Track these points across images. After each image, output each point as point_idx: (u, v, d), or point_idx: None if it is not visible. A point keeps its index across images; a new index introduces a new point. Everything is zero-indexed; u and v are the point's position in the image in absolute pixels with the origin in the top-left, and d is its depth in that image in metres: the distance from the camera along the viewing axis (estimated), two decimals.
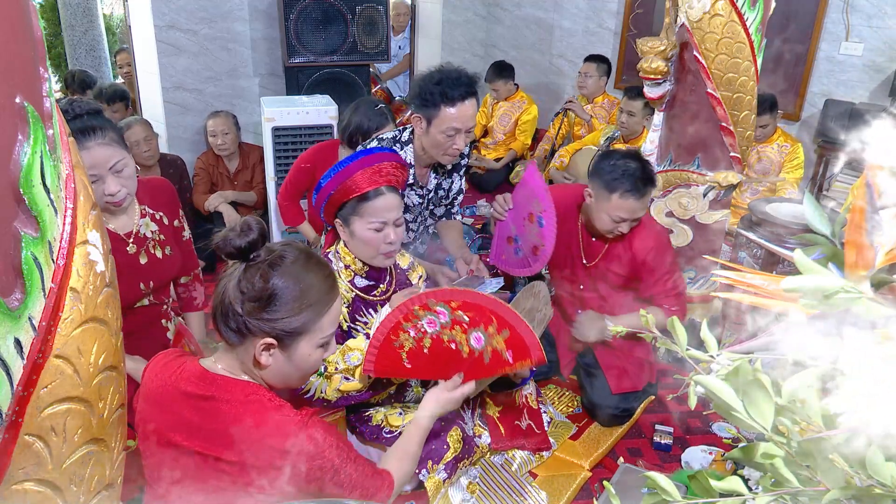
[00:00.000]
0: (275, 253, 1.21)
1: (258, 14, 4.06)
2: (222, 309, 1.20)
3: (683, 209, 2.73)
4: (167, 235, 1.92)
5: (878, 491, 0.50)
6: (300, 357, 1.24)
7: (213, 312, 1.23)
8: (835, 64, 4.16)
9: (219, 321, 1.21)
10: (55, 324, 0.56)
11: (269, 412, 1.18)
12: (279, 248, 1.23)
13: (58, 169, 0.57)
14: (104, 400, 0.62)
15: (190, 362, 1.26)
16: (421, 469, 1.89)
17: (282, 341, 1.20)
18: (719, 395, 0.56)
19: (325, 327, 1.25)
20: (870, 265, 0.49)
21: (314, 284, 1.23)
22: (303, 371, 1.28)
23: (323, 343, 1.27)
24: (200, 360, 1.26)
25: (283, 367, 1.24)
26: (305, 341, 1.23)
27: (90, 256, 0.59)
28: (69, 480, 0.59)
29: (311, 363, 1.27)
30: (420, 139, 2.26)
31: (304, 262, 1.23)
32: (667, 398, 2.56)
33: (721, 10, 2.35)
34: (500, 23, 5.83)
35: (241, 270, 1.20)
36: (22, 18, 0.53)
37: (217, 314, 1.21)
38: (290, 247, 1.25)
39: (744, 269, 0.60)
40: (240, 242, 1.17)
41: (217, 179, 3.72)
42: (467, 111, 2.19)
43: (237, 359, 1.24)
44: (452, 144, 2.19)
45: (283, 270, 1.20)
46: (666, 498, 0.58)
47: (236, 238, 1.17)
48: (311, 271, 1.23)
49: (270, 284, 1.18)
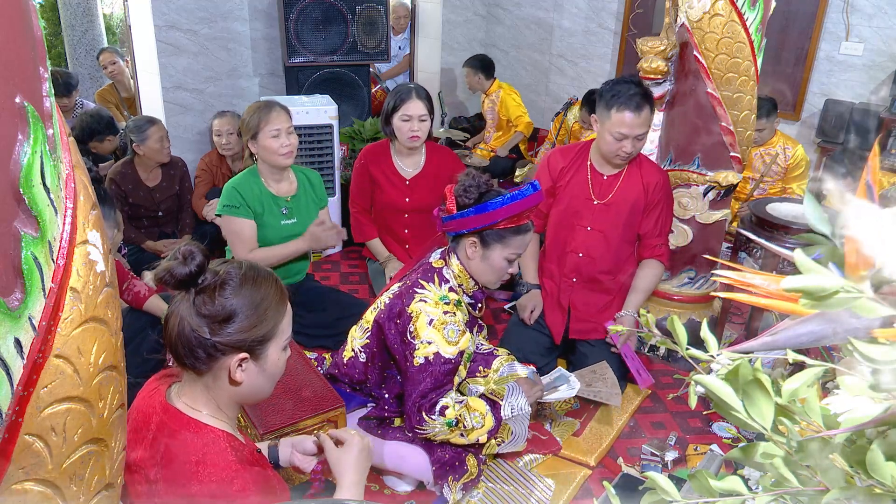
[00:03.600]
0: (222, 272, 1.21)
1: (258, 14, 4.06)
2: (185, 341, 1.18)
3: (683, 209, 2.73)
4: None
5: (878, 491, 0.50)
6: (271, 363, 1.26)
7: (171, 349, 1.21)
8: (835, 64, 4.16)
9: (183, 355, 1.19)
10: (55, 324, 0.56)
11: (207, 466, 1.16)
12: (223, 267, 1.23)
13: (58, 169, 0.57)
14: (104, 400, 0.62)
15: (161, 391, 1.26)
16: (442, 484, 1.92)
17: (253, 352, 1.21)
18: (719, 395, 0.56)
19: (286, 329, 1.28)
20: (870, 265, 0.49)
21: (268, 290, 1.24)
22: (272, 378, 1.29)
23: (285, 345, 1.29)
24: (168, 391, 1.26)
25: (255, 379, 1.25)
26: (273, 346, 1.25)
27: (90, 256, 0.59)
28: (69, 480, 0.59)
29: (279, 367, 1.29)
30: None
31: (251, 272, 1.24)
32: (667, 398, 2.57)
33: (721, 10, 2.35)
34: (500, 23, 5.83)
35: (192, 298, 1.18)
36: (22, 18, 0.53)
37: (178, 349, 1.19)
38: (231, 263, 1.25)
39: (744, 269, 0.60)
40: (185, 270, 1.16)
41: (219, 180, 3.73)
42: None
43: (204, 389, 1.23)
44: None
45: (237, 284, 1.20)
46: (665, 498, 0.58)
47: (180, 267, 1.16)
48: (262, 279, 1.25)
49: (229, 300, 1.18)
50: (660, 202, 2.52)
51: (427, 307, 1.89)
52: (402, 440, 2.01)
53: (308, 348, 2.66)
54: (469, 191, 1.89)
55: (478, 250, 1.93)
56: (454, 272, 1.97)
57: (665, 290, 2.85)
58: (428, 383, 1.87)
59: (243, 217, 2.60)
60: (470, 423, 1.90)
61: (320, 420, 1.89)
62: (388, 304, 1.99)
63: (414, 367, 1.88)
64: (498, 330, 3.06)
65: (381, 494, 2.07)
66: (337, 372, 2.12)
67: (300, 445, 1.49)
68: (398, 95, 2.93)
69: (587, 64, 5.43)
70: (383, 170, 3.09)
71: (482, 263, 1.95)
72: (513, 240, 1.92)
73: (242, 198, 2.60)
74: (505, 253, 1.93)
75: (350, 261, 3.73)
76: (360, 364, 2.06)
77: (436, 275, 1.96)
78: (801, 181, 3.74)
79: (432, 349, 1.86)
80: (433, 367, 1.86)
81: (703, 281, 2.84)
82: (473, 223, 1.88)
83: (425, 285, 1.94)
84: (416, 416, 1.89)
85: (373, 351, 2.03)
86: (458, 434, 1.91)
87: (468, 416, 1.91)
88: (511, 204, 1.85)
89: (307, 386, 1.98)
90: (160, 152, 3.35)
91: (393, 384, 2.04)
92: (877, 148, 0.52)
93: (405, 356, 1.91)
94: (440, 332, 1.87)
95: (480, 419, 1.92)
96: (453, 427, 1.89)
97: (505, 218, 1.87)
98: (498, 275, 1.97)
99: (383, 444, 2.02)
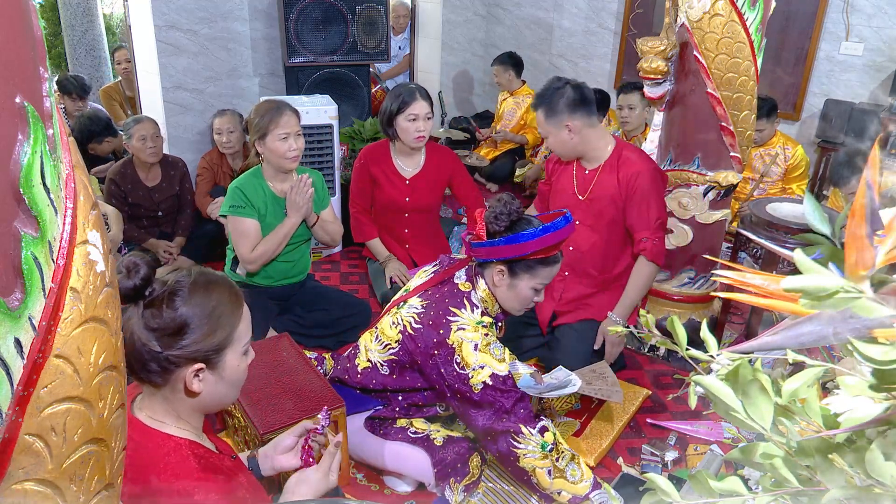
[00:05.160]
0: (170, 282, 1.18)
1: (258, 14, 4.06)
2: (136, 356, 1.16)
3: (683, 209, 2.73)
4: None
5: (878, 491, 0.50)
6: (230, 370, 1.22)
7: (126, 364, 1.21)
8: (835, 64, 4.16)
9: (137, 369, 1.18)
10: (55, 323, 0.56)
11: (168, 476, 1.15)
12: (173, 276, 1.20)
13: (58, 169, 0.57)
14: (104, 400, 0.62)
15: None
16: (444, 485, 1.92)
17: (209, 361, 1.18)
18: (719, 396, 0.56)
19: (244, 334, 1.24)
20: (870, 265, 0.49)
21: (222, 296, 1.20)
22: (235, 384, 1.26)
23: (245, 350, 1.26)
24: (133, 402, 1.24)
25: (215, 388, 1.22)
26: (231, 353, 1.21)
27: (90, 256, 0.59)
28: (69, 480, 0.59)
29: (241, 373, 1.25)
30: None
31: (202, 279, 1.20)
32: (666, 398, 2.57)
33: (721, 10, 2.35)
34: (500, 23, 5.83)
35: (141, 310, 1.16)
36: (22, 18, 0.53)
37: (132, 363, 1.17)
38: (183, 271, 1.22)
39: (744, 269, 0.60)
40: (130, 283, 1.13)
41: (221, 178, 3.73)
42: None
43: (163, 400, 1.21)
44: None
45: (186, 293, 1.16)
46: (665, 498, 0.58)
47: (124, 280, 1.12)
48: (213, 285, 1.21)
49: (179, 311, 1.14)
50: (637, 194, 2.44)
51: (467, 334, 1.86)
52: (403, 440, 2.01)
53: (308, 348, 2.66)
54: (500, 218, 1.85)
55: (505, 279, 1.90)
56: (481, 296, 1.94)
57: (665, 290, 2.85)
58: (506, 399, 1.84)
59: (248, 217, 2.60)
60: (563, 467, 1.84)
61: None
62: (417, 331, 1.92)
63: (476, 395, 1.84)
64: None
65: (381, 494, 2.07)
66: (347, 378, 2.09)
67: (279, 447, 1.47)
68: (400, 97, 2.92)
69: (587, 64, 5.43)
70: (383, 169, 3.09)
71: (508, 292, 1.92)
72: (541, 270, 1.90)
73: (247, 198, 2.60)
74: (532, 283, 1.91)
75: (350, 261, 3.73)
76: (379, 375, 2.02)
77: (465, 300, 1.92)
78: (801, 181, 3.75)
79: (487, 372, 1.83)
80: (496, 386, 1.83)
81: (703, 281, 2.84)
82: (504, 253, 1.85)
83: (458, 312, 1.89)
84: (510, 433, 1.84)
85: (403, 367, 1.98)
86: (547, 468, 1.83)
87: (566, 463, 1.85)
88: (544, 237, 1.82)
89: (307, 386, 1.98)
90: (143, 151, 3.33)
91: (413, 394, 2.02)
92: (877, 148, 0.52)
93: (463, 390, 1.86)
94: (488, 354, 1.85)
95: (578, 475, 1.85)
96: (547, 453, 1.83)
97: (537, 250, 1.83)
98: (523, 304, 1.95)
99: (384, 445, 2.02)
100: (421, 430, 2.01)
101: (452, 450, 1.95)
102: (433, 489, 2.00)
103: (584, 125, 2.45)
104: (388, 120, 2.97)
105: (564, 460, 1.86)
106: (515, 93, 4.92)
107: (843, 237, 0.52)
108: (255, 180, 2.65)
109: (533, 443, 1.83)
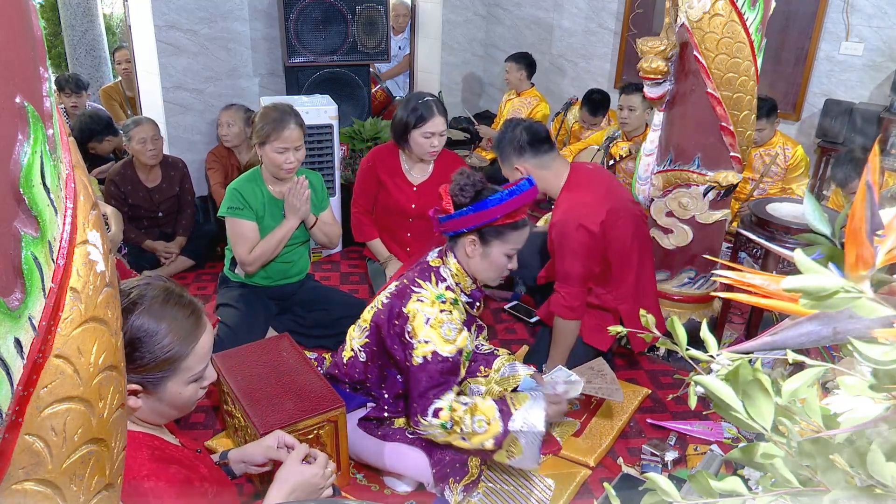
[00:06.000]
0: (131, 296, 1.15)
1: (258, 14, 4.06)
2: None
3: (683, 209, 2.73)
4: None
5: (878, 491, 0.50)
6: (171, 396, 1.19)
7: None
8: (835, 64, 4.16)
9: None
10: (55, 323, 0.56)
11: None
12: (136, 290, 1.16)
13: (58, 169, 0.57)
14: (104, 400, 0.62)
15: None
16: (443, 486, 1.92)
17: (145, 386, 1.16)
18: (719, 396, 0.56)
19: (193, 366, 1.20)
20: (870, 265, 0.49)
21: (175, 325, 1.16)
22: (178, 407, 1.22)
23: (194, 379, 1.21)
24: None
25: (154, 407, 1.19)
26: (173, 382, 1.18)
27: (90, 256, 0.59)
28: (69, 480, 0.59)
29: (185, 399, 1.22)
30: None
31: (162, 301, 1.16)
32: (666, 398, 2.57)
33: (721, 10, 2.35)
34: (500, 23, 5.83)
35: None
36: (22, 18, 0.53)
37: None
38: (148, 286, 1.18)
39: (744, 269, 0.60)
40: None
41: (229, 171, 3.75)
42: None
43: None
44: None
45: (140, 314, 1.13)
46: (665, 498, 0.58)
47: None
48: (171, 310, 1.17)
49: (126, 333, 1.11)
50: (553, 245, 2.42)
51: (424, 307, 1.90)
52: (402, 441, 2.01)
53: (308, 348, 2.66)
54: (465, 190, 1.90)
55: (477, 248, 1.94)
56: (452, 271, 1.98)
57: (665, 290, 2.85)
58: (426, 382, 1.87)
59: (246, 219, 2.60)
60: (470, 428, 1.87)
61: (320, 420, 1.89)
62: (385, 304, 1.99)
63: (413, 367, 1.88)
64: (498, 330, 3.06)
65: (381, 494, 2.07)
66: (337, 372, 2.12)
67: (251, 461, 1.47)
68: (417, 112, 2.88)
69: (587, 64, 5.43)
70: (391, 174, 3.09)
71: (482, 261, 1.96)
72: (511, 235, 1.94)
73: (245, 200, 2.60)
74: (504, 249, 1.94)
75: (350, 261, 3.73)
76: (359, 364, 2.06)
77: (433, 273, 1.97)
78: (800, 181, 3.75)
79: (430, 348, 1.87)
80: (431, 365, 1.86)
81: (703, 281, 2.84)
82: (472, 221, 1.89)
83: (422, 284, 1.94)
84: (414, 419, 1.90)
85: (372, 350, 2.03)
86: (458, 437, 1.89)
87: (469, 420, 1.87)
88: (509, 200, 1.87)
89: (307, 386, 1.98)
90: (143, 153, 3.33)
91: (392, 383, 2.04)
92: (876, 148, 0.52)
93: (405, 356, 1.92)
94: (437, 331, 1.88)
95: (484, 424, 1.88)
96: (449, 429, 1.87)
97: (503, 214, 1.88)
98: (498, 271, 1.99)
99: (383, 445, 2.02)
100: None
101: (450, 450, 1.95)
102: (432, 489, 2.00)
103: (535, 167, 2.43)
104: (402, 131, 2.94)
105: (468, 422, 1.87)
106: (523, 93, 4.91)
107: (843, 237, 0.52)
108: (253, 182, 2.65)
109: (431, 427, 1.88)
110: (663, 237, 2.81)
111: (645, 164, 2.83)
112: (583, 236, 2.35)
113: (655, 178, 2.78)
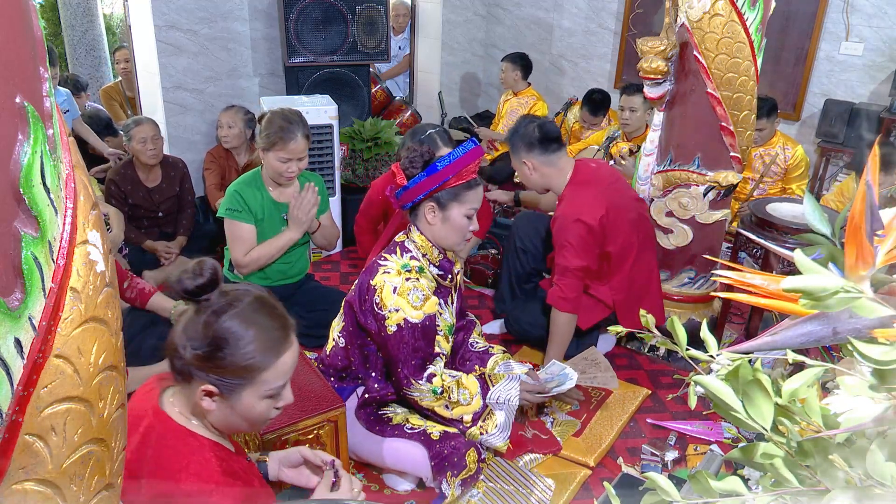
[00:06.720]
0: (226, 298, 1.16)
1: (258, 14, 4.06)
2: (172, 348, 1.17)
3: (683, 209, 2.73)
4: None
5: (878, 491, 0.50)
6: (244, 407, 1.19)
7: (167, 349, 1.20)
8: (835, 64, 4.16)
9: (170, 359, 1.18)
10: (55, 324, 0.56)
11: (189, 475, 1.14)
12: (233, 294, 1.18)
13: (58, 169, 0.57)
14: (104, 400, 0.62)
15: (155, 394, 1.22)
16: (441, 479, 1.93)
17: (221, 391, 1.17)
18: (719, 396, 0.56)
19: (271, 380, 1.19)
20: (870, 265, 0.49)
21: (261, 334, 1.17)
22: (249, 420, 1.22)
23: (270, 395, 1.21)
24: (162, 394, 1.23)
25: (226, 415, 1.20)
26: (248, 392, 1.18)
27: (90, 256, 0.59)
28: (69, 480, 0.59)
29: (258, 413, 1.21)
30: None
31: (255, 308, 1.18)
32: (666, 398, 2.57)
33: (721, 10, 2.35)
34: (500, 23, 5.83)
35: (193, 312, 1.16)
36: (22, 18, 0.53)
37: (168, 351, 1.18)
38: (247, 292, 1.20)
39: (744, 269, 0.60)
40: (189, 285, 1.14)
41: (227, 172, 3.74)
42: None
43: (188, 399, 1.20)
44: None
45: (230, 318, 1.15)
46: (665, 498, 0.58)
47: (188, 280, 1.14)
48: (261, 319, 1.18)
49: (213, 332, 1.13)
50: (553, 237, 2.54)
51: (390, 277, 1.95)
52: (400, 437, 2.01)
53: (308, 348, 2.66)
54: (414, 161, 1.95)
55: (437, 214, 1.98)
56: (416, 243, 2.02)
57: (665, 290, 2.85)
58: (405, 350, 1.93)
59: (244, 221, 2.61)
60: (456, 397, 1.98)
61: (320, 420, 1.89)
62: (356, 284, 2.05)
63: (389, 336, 1.93)
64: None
65: (381, 494, 2.07)
66: (321, 367, 2.14)
67: (287, 460, 1.46)
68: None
69: (587, 64, 5.43)
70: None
71: (444, 226, 1.99)
72: (467, 195, 1.98)
73: (244, 202, 2.60)
74: (463, 210, 1.98)
75: (350, 261, 3.73)
76: (340, 350, 2.09)
77: (398, 247, 2.02)
78: (800, 181, 3.75)
79: (400, 315, 1.92)
80: (405, 332, 1.92)
81: (703, 281, 2.84)
82: (426, 186, 1.93)
83: (388, 257, 2.00)
84: (405, 381, 1.96)
85: (349, 331, 2.06)
86: (442, 405, 1.98)
87: (456, 391, 1.99)
88: (458, 159, 1.91)
89: (307, 386, 1.98)
90: (143, 153, 3.33)
91: (375, 361, 2.07)
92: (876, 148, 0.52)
93: (378, 328, 1.96)
94: (405, 298, 1.93)
95: (468, 398, 2.00)
96: (438, 395, 1.97)
97: (454, 174, 1.92)
98: (461, 234, 2.02)
99: (382, 442, 2.03)
100: (417, 426, 2.02)
101: (449, 444, 1.97)
102: (431, 483, 2.01)
103: (541, 164, 2.55)
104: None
105: (455, 392, 1.99)
106: (520, 94, 4.91)
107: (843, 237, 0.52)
108: (254, 184, 2.65)
109: (424, 390, 1.96)
110: (663, 237, 2.81)
111: (645, 164, 2.83)
112: (581, 230, 2.45)
113: (655, 178, 2.78)
